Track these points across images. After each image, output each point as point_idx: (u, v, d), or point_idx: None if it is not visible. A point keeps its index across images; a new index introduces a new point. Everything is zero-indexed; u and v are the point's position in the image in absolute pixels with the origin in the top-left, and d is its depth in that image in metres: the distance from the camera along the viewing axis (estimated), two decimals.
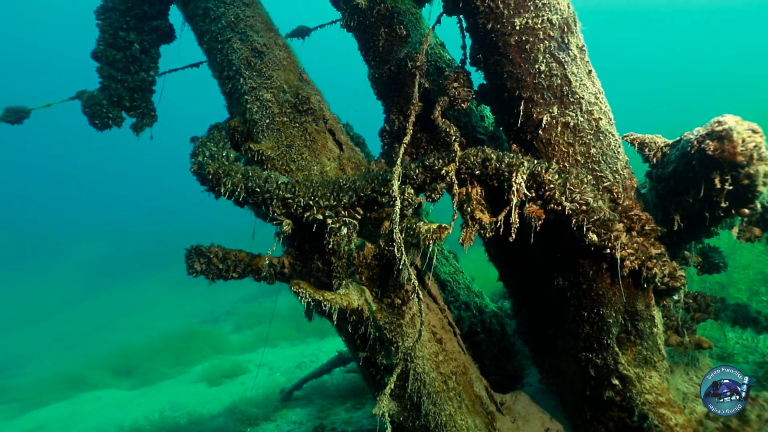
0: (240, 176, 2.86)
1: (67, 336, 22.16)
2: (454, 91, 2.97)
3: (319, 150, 3.16)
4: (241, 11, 3.44)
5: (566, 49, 2.59)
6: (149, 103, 4.11)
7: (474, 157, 2.71)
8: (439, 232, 2.57)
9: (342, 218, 2.89)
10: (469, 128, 3.35)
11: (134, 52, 4.00)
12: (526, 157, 2.66)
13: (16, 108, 4.77)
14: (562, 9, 2.58)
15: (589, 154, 2.69)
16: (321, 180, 3.09)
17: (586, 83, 2.65)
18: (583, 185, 2.58)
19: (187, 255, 3.30)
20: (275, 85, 3.22)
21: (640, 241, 2.67)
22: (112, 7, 3.94)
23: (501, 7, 2.56)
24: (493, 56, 2.70)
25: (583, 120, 2.64)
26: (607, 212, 2.60)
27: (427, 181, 2.83)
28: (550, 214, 2.64)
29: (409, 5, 3.45)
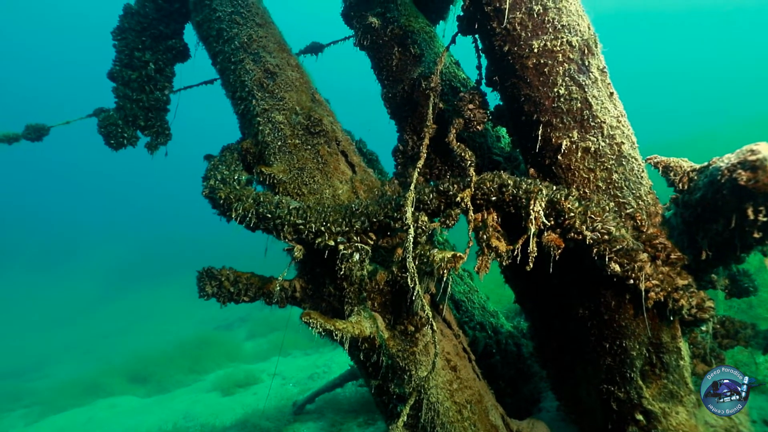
0: (251, 201, 2.83)
1: (87, 340, 22.61)
2: (469, 113, 2.90)
3: (332, 173, 3.12)
4: (254, 32, 3.43)
5: (587, 71, 2.50)
6: (164, 122, 4.13)
7: (490, 182, 2.62)
8: (454, 261, 2.49)
9: (354, 244, 2.83)
10: (485, 149, 3.26)
11: (149, 72, 4.03)
12: (545, 183, 2.57)
13: (36, 126, 4.86)
14: (582, 30, 2.48)
15: (611, 179, 2.58)
16: (333, 204, 3.04)
17: (607, 106, 2.54)
18: (605, 213, 2.47)
19: (199, 277, 3.29)
20: (287, 106, 3.19)
21: (666, 271, 2.55)
22: (128, 28, 3.98)
23: (518, 29, 2.49)
24: (509, 79, 2.61)
25: (605, 145, 2.54)
26: (630, 241, 2.49)
27: (442, 206, 2.76)
28: (569, 243, 2.54)
29: (422, 24, 3.40)
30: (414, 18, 3.36)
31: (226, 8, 3.50)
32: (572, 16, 2.47)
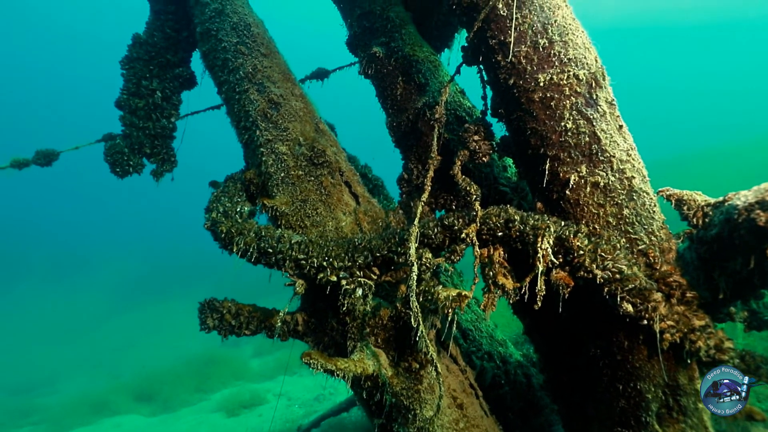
0: (253, 235, 2.80)
1: (97, 353, 22.69)
2: (474, 145, 2.84)
3: (335, 204, 3.07)
4: (258, 62, 3.44)
5: (594, 105, 2.44)
6: (169, 150, 4.15)
7: (496, 217, 2.55)
8: (459, 300, 2.41)
9: (357, 279, 2.77)
10: (491, 179, 3.20)
11: (156, 100, 4.06)
12: (553, 219, 2.49)
13: (45, 151, 4.92)
14: (590, 63, 2.43)
15: (621, 215, 2.49)
16: (336, 236, 2.99)
17: (616, 140, 2.47)
18: (616, 251, 2.38)
19: (201, 309, 3.25)
20: (291, 137, 3.18)
21: (681, 310, 2.44)
22: (136, 57, 4.03)
23: (523, 63, 2.44)
24: (515, 112, 2.56)
25: (615, 179, 2.46)
26: (642, 280, 2.39)
27: (446, 241, 2.69)
28: (579, 281, 2.45)
29: (427, 53, 3.37)
30: (418, 47, 3.35)
31: (231, 39, 3.52)
32: (579, 49, 2.42)
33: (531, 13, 2.42)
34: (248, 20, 3.58)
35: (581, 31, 2.48)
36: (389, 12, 3.43)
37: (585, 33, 2.50)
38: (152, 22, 4.19)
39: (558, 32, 2.40)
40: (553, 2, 2.43)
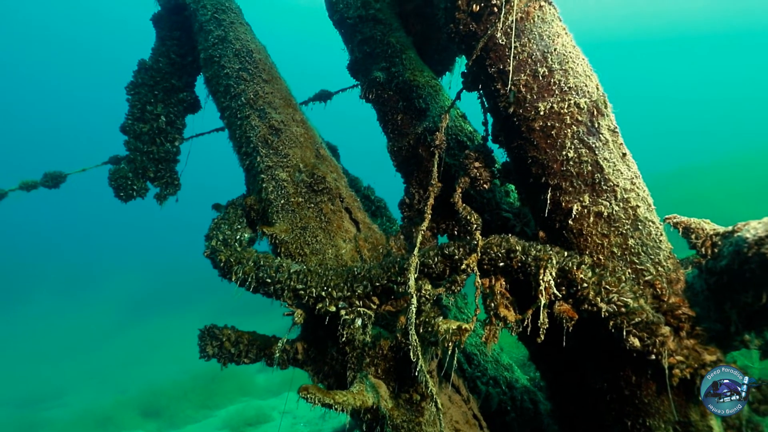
0: (251, 264, 2.77)
1: (106, 367, 22.78)
2: (475, 172, 2.81)
3: (335, 231, 3.05)
4: (260, 88, 3.45)
5: (597, 133, 2.39)
6: (173, 173, 4.17)
7: (497, 247, 2.50)
8: (459, 334, 2.36)
9: (356, 309, 2.72)
10: (493, 204, 3.15)
11: (160, 124, 4.10)
12: (555, 249, 2.43)
13: (53, 173, 4.98)
14: (591, 91, 2.39)
15: (626, 245, 2.42)
16: (335, 264, 2.96)
17: (620, 168, 2.42)
18: (621, 283, 2.31)
19: (201, 336, 3.22)
20: (291, 163, 3.17)
21: (691, 344, 2.35)
22: (141, 83, 4.08)
23: (523, 91, 2.41)
24: (516, 140, 2.53)
25: (619, 209, 2.40)
26: (649, 313, 2.31)
27: (447, 271, 2.64)
28: (583, 314, 2.38)
29: (428, 77, 3.36)
30: (419, 72, 3.34)
31: (234, 65, 3.55)
32: (579, 77, 2.39)
33: (530, 41, 2.39)
34: (250, 47, 3.61)
35: (582, 59, 2.45)
36: (390, 37, 3.44)
37: (586, 60, 2.47)
38: (158, 47, 4.25)
39: (558, 60, 2.38)
40: (553, 30, 2.41)
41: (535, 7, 2.41)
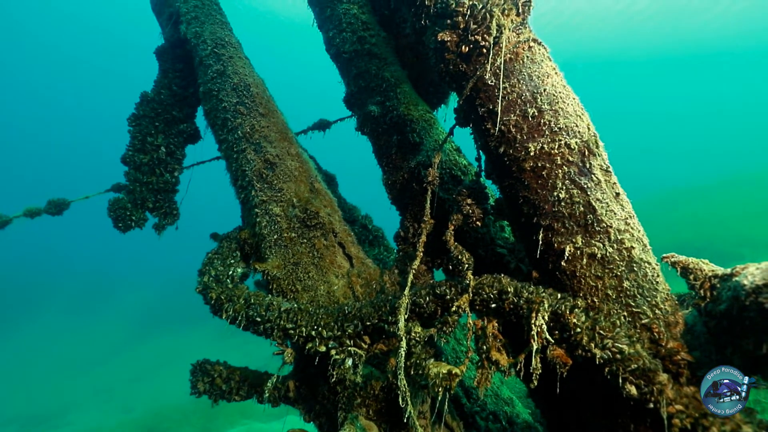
0: (242, 302, 2.75)
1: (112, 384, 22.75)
2: (467, 209, 2.78)
3: (327, 267, 3.02)
4: (256, 122, 3.49)
5: (588, 173, 2.36)
6: (172, 203, 4.21)
7: (489, 288, 2.46)
8: (450, 379, 2.30)
9: (347, 348, 2.68)
10: (488, 240, 3.11)
11: (160, 155, 4.15)
12: (548, 291, 2.37)
13: (57, 201, 5.06)
14: (582, 131, 2.37)
15: (621, 287, 2.36)
16: (327, 301, 2.93)
17: (613, 209, 2.37)
18: (616, 328, 2.24)
19: (192, 372, 3.20)
20: (285, 198, 3.17)
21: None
22: (142, 114, 4.15)
23: (513, 132, 2.40)
24: (507, 179, 2.50)
25: (613, 250, 2.35)
26: (646, 359, 2.23)
27: (439, 311, 2.60)
28: (578, 359, 2.31)
29: (422, 111, 3.37)
30: (413, 106, 3.35)
31: (231, 99, 3.60)
32: (570, 117, 2.37)
33: (519, 82, 2.39)
34: (248, 81, 3.66)
35: (572, 98, 2.43)
36: (385, 72, 3.46)
37: (576, 100, 2.45)
38: (160, 80, 4.34)
39: (548, 101, 2.36)
40: (542, 71, 2.41)
41: (525, 48, 2.41)
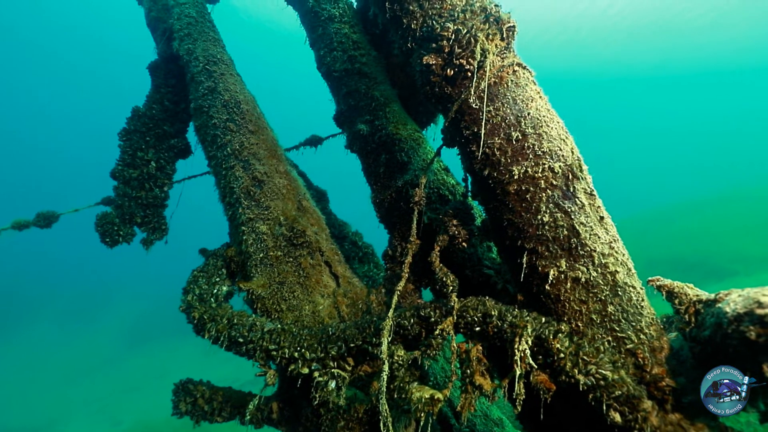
0: (225, 322, 2.72)
1: (102, 396, 22.42)
2: (453, 230, 2.77)
3: (313, 286, 3.00)
4: (246, 139, 3.49)
5: (572, 197, 2.36)
6: (160, 218, 4.19)
7: (473, 311, 2.44)
8: (432, 404, 2.27)
9: (330, 370, 2.64)
10: (475, 260, 3.10)
11: (150, 170, 4.14)
12: (533, 315, 2.36)
13: (46, 213, 5.02)
14: (566, 155, 2.38)
15: (606, 312, 2.35)
16: (312, 321, 2.90)
17: (597, 233, 2.37)
18: (600, 354, 2.22)
19: (175, 391, 3.15)
20: (272, 216, 3.16)
21: (676, 419, 2.23)
22: (134, 129, 4.16)
23: (497, 155, 2.40)
24: (492, 202, 2.50)
25: (597, 275, 2.34)
26: (630, 386, 2.21)
27: (423, 333, 2.57)
28: (562, 384, 2.28)
29: (411, 130, 3.38)
30: (402, 125, 3.36)
31: (221, 116, 3.61)
32: (554, 141, 2.38)
33: (504, 105, 2.40)
34: (238, 98, 3.67)
35: (557, 122, 2.44)
36: (374, 91, 3.49)
37: (561, 123, 2.47)
38: (152, 95, 4.35)
39: (532, 125, 2.37)
40: (527, 94, 2.42)
41: (509, 72, 2.43)
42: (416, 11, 2.54)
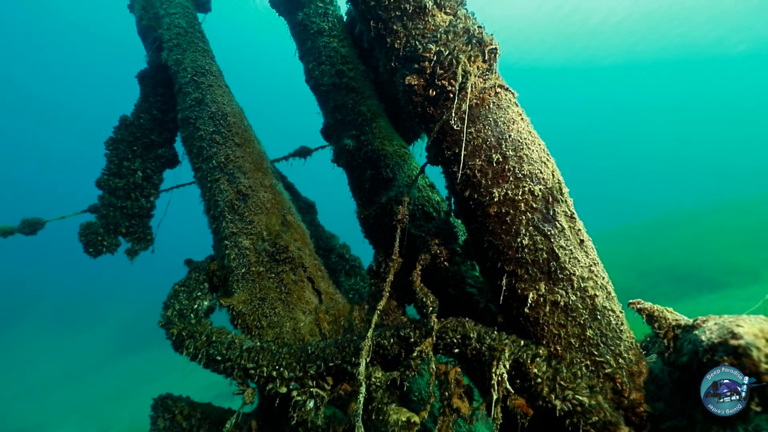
0: (204, 339, 2.69)
1: (90, 401, 22.14)
2: (435, 249, 2.77)
3: (294, 303, 2.98)
4: (231, 152, 3.48)
5: (552, 220, 2.36)
6: (146, 229, 4.15)
7: (453, 332, 2.43)
8: (409, 428, 2.25)
9: (309, 390, 2.62)
10: (458, 278, 3.09)
11: (137, 180, 4.11)
12: (511, 338, 2.35)
13: (31, 220, 4.97)
14: (546, 178, 2.38)
15: (584, 336, 2.34)
16: (293, 338, 2.88)
17: (577, 256, 2.37)
18: (577, 379, 2.22)
19: (154, 407, 3.11)
20: (255, 231, 3.14)
21: None
22: (120, 138, 4.13)
23: (478, 176, 2.40)
24: (473, 223, 2.50)
25: (576, 298, 2.33)
26: (607, 412, 2.20)
27: (402, 353, 2.56)
28: (539, 409, 2.27)
29: (396, 146, 3.38)
30: (388, 141, 3.36)
31: (208, 127, 3.59)
32: (534, 164, 2.38)
33: (485, 127, 2.41)
34: (226, 110, 3.66)
35: (538, 145, 2.45)
36: (361, 106, 3.49)
37: (542, 146, 2.47)
38: (140, 104, 4.34)
39: (512, 147, 2.38)
40: (508, 117, 2.43)
41: (491, 94, 2.44)
42: (400, 31, 2.55)
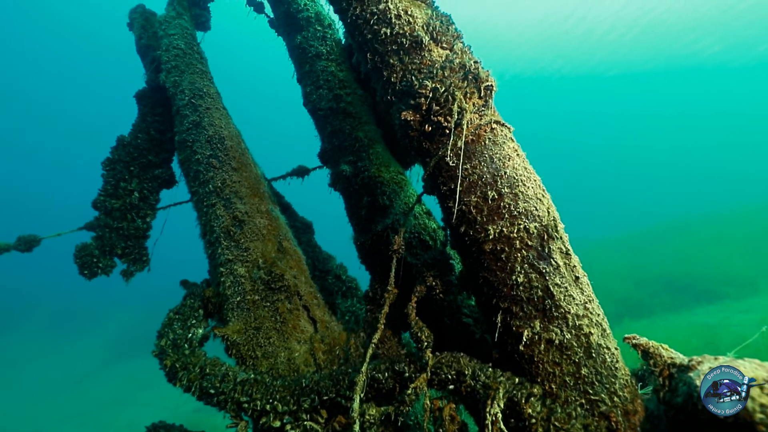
0: (197, 371, 2.68)
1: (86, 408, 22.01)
2: (431, 281, 2.76)
3: (289, 332, 2.97)
4: (228, 176, 3.48)
5: (547, 257, 2.35)
6: (141, 249, 4.15)
7: (447, 368, 2.42)
8: None
9: (302, 423, 2.60)
10: (454, 308, 3.08)
11: (133, 200, 4.11)
12: (506, 375, 2.34)
13: (27, 237, 4.95)
14: (541, 215, 2.38)
15: (579, 374, 2.33)
16: (287, 369, 2.86)
17: (572, 294, 2.36)
18: (572, 420, 2.20)
19: None
20: (251, 258, 3.14)
21: None
22: (117, 159, 4.13)
23: (473, 213, 2.40)
24: (468, 258, 2.49)
25: (571, 336, 2.33)
26: None
27: (397, 387, 2.54)
28: None
29: (393, 173, 3.38)
30: (384, 167, 3.36)
31: (205, 151, 3.59)
32: (530, 201, 2.38)
33: (481, 164, 2.41)
34: (223, 133, 3.66)
35: (533, 181, 2.45)
36: (358, 131, 3.49)
37: (538, 182, 2.47)
38: (138, 123, 4.34)
39: (508, 184, 2.38)
40: (504, 153, 2.43)
41: (486, 130, 2.44)
42: (396, 65, 2.55)
